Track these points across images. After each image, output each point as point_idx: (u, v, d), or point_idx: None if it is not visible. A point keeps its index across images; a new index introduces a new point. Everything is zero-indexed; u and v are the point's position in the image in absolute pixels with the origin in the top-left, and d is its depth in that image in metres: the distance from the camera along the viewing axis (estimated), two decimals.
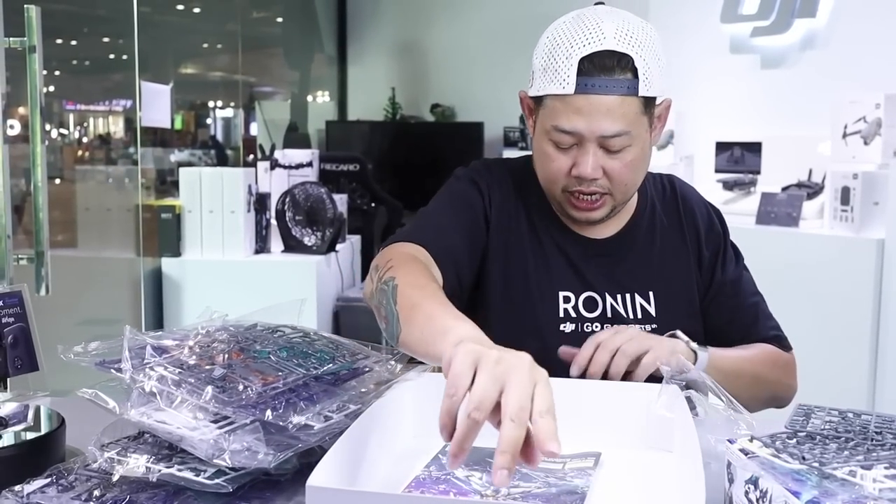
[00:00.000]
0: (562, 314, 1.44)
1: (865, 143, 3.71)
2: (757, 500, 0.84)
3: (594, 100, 1.31)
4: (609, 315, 1.45)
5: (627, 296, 1.46)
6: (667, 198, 1.57)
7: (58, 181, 4.37)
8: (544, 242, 1.47)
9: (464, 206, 1.46)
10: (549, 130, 1.35)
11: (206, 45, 6.81)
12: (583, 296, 1.45)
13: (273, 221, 4.13)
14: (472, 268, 1.43)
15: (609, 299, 1.45)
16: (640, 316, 1.45)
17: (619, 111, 1.31)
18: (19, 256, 2.19)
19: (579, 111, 1.31)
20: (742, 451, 0.89)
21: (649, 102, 1.35)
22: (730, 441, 0.93)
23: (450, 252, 1.37)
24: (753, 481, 0.85)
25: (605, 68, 1.30)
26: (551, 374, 0.91)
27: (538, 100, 1.39)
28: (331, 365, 1.06)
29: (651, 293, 1.47)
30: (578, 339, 1.39)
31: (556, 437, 0.81)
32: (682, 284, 1.51)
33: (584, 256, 1.47)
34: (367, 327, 1.29)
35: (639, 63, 1.31)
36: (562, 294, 1.45)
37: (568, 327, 1.44)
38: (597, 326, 1.43)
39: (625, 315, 1.44)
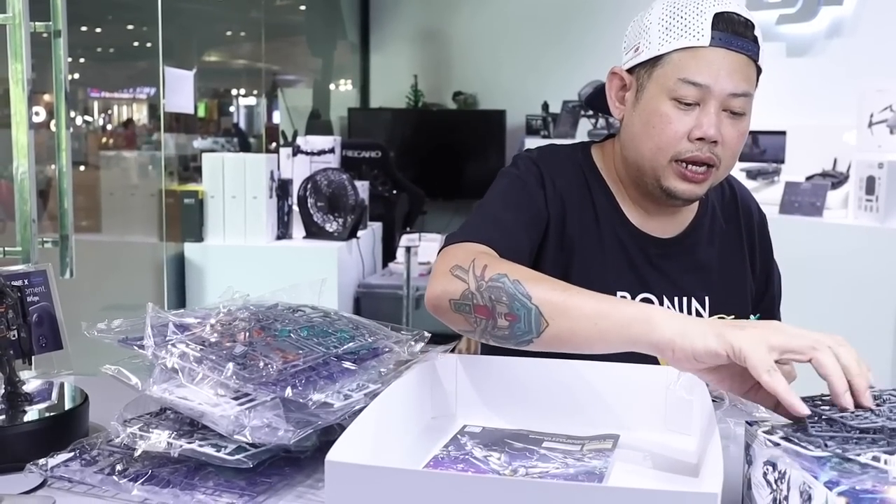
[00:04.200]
0: None
1: (892, 133, 3.68)
2: (775, 481, 0.84)
3: (727, 55, 1.30)
4: None
5: (684, 299, 1.44)
6: (726, 199, 1.56)
7: (82, 168, 4.41)
8: (605, 237, 1.43)
9: (525, 201, 1.41)
10: (673, 86, 1.32)
11: (229, 33, 6.84)
12: (639, 297, 1.42)
13: (295, 207, 4.15)
14: (531, 265, 1.37)
15: (666, 301, 1.43)
16: None
17: (746, 71, 1.31)
18: (44, 240, 2.21)
19: (711, 64, 1.30)
20: (763, 432, 0.89)
21: (759, 75, 1.36)
22: (748, 423, 0.93)
23: (515, 251, 1.32)
24: (772, 463, 0.85)
25: (736, 26, 1.31)
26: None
27: (653, 61, 1.34)
28: (351, 344, 1.07)
29: (707, 298, 1.46)
30: None
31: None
32: (737, 292, 1.50)
33: (644, 256, 1.44)
34: (388, 313, 1.27)
35: (757, 32, 1.33)
36: (619, 294, 1.41)
37: None
38: None
39: None
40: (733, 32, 1.30)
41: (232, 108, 7.08)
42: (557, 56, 6.30)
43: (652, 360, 1.14)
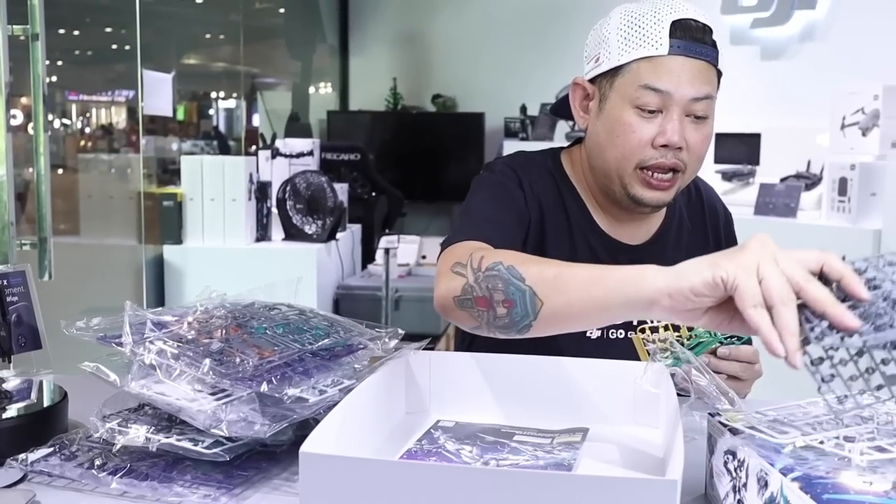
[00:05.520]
0: None
1: (863, 135, 3.73)
2: (735, 469, 0.87)
3: (686, 62, 1.33)
4: (635, 322, 1.44)
5: None
6: (692, 200, 1.58)
7: (60, 171, 4.40)
8: (577, 243, 1.45)
9: (509, 202, 1.42)
10: (635, 94, 1.34)
11: (208, 36, 6.83)
12: None
13: (274, 210, 4.16)
14: None
15: None
16: (665, 323, 1.44)
17: (706, 75, 1.34)
18: (23, 242, 2.22)
19: (671, 71, 1.32)
20: (722, 423, 0.92)
21: (719, 79, 1.38)
22: (710, 415, 0.96)
23: (512, 247, 1.31)
24: (732, 452, 0.88)
25: (694, 33, 1.33)
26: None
27: (614, 71, 1.37)
28: (326, 341, 1.09)
29: None
30: (602, 345, 1.41)
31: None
32: None
33: (615, 262, 1.44)
34: (367, 315, 1.28)
35: (719, 32, 1.36)
36: None
37: (594, 333, 1.43)
38: (621, 333, 1.44)
39: (650, 322, 1.42)
40: (691, 39, 1.33)
41: (211, 111, 7.07)
42: (536, 59, 6.34)
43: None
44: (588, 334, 1.43)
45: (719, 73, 1.38)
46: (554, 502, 0.76)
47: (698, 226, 1.57)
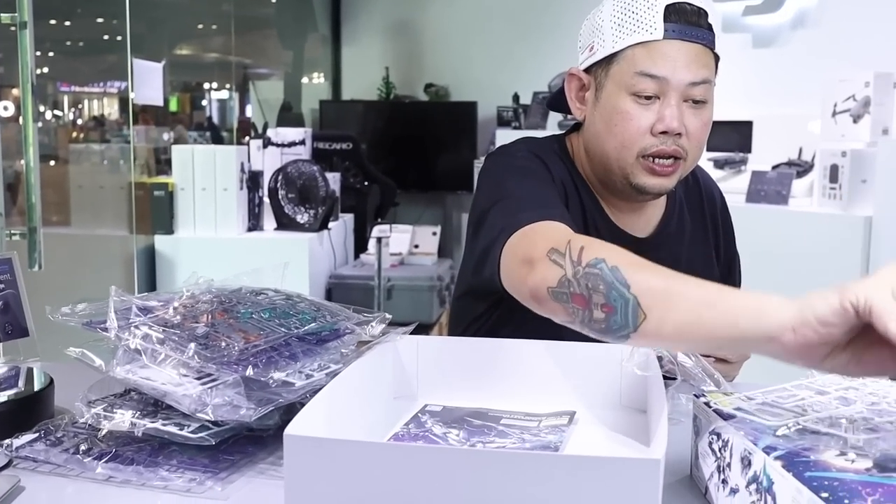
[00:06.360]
0: None
1: (854, 122, 3.73)
2: (719, 449, 0.87)
3: (681, 46, 1.30)
4: None
5: None
6: (689, 187, 1.57)
7: (52, 162, 4.39)
8: (590, 233, 1.40)
9: (552, 186, 1.37)
10: (631, 81, 1.31)
11: (200, 27, 6.81)
12: None
13: (266, 199, 4.15)
14: None
15: None
16: None
17: (703, 59, 1.32)
18: (12, 232, 2.21)
19: (666, 56, 1.30)
20: (707, 404, 0.93)
21: (716, 63, 1.36)
22: (696, 396, 0.96)
23: (574, 225, 1.26)
24: (717, 433, 0.88)
25: (689, 16, 1.31)
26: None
27: (609, 59, 1.34)
28: (312, 325, 1.09)
29: None
30: None
31: None
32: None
33: None
34: (360, 304, 1.24)
35: (712, 19, 1.34)
36: None
37: None
38: None
39: None
40: (686, 23, 1.31)
41: (204, 102, 7.06)
42: (528, 48, 6.33)
43: None
44: None
45: (717, 57, 1.36)
46: (537, 482, 0.76)
47: (697, 213, 1.56)
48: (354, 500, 0.80)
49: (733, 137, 4.60)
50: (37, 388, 1.13)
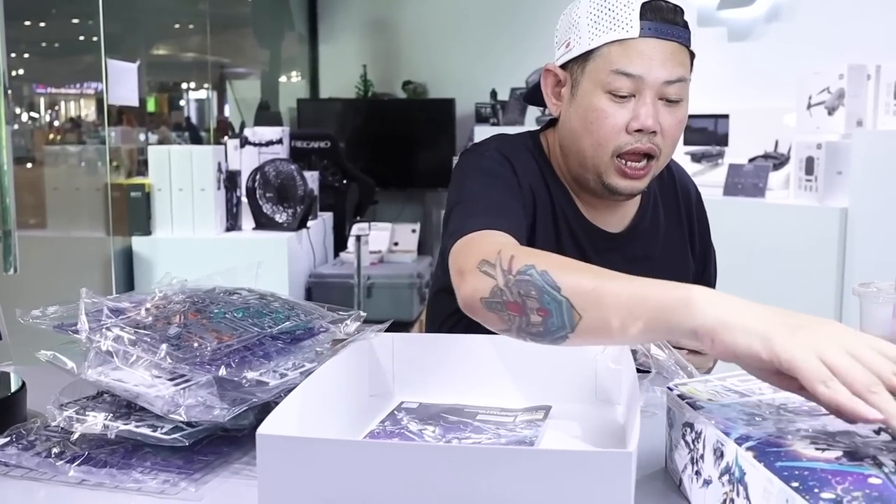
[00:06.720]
0: None
1: (829, 114, 3.75)
2: (693, 441, 0.88)
3: (657, 44, 1.30)
4: None
5: None
6: (664, 181, 1.58)
7: (29, 165, 4.35)
8: (561, 230, 1.43)
9: (511, 188, 1.38)
10: (607, 79, 1.31)
11: (177, 26, 6.77)
12: None
13: (244, 199, 4.14)
14: None
15: None
16: None
17: (679, 57, 1.32)
18: None
19: (642, 54, 1.30)
20: (680, 396, 0.93)
21: (692, 62, 1.36)
22: (669, 388, 0.97)
23: (524, 232, 1.30)
24: (690, 424, 0.89)
25: (665, 14, 1.31)
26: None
27: (585, 56, 1.34)
28: (286, 324, 1.08)
29: None
30: None
31: None
32: (681, 278, 1.53)
33: (595, 250, 1.44)
34: (340, 302, 1.23)
35: (687, 14, 1.34)
36: None
37: None
38: None
39: None
40: (662, 20, 1.31)
41: (182, 102, 7.02)
42: (505, 44, 6.34)
43: None
44: None
45: (692, 55, 1.36)
46: (511, 477, 0.76)
47: (672, 208, 1.57)
48: (329, 498, 0.80)
49: (710, 131, 4.62)
50: (9, 391, 1.12)
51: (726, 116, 4.60)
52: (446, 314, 1.47)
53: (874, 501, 0.65)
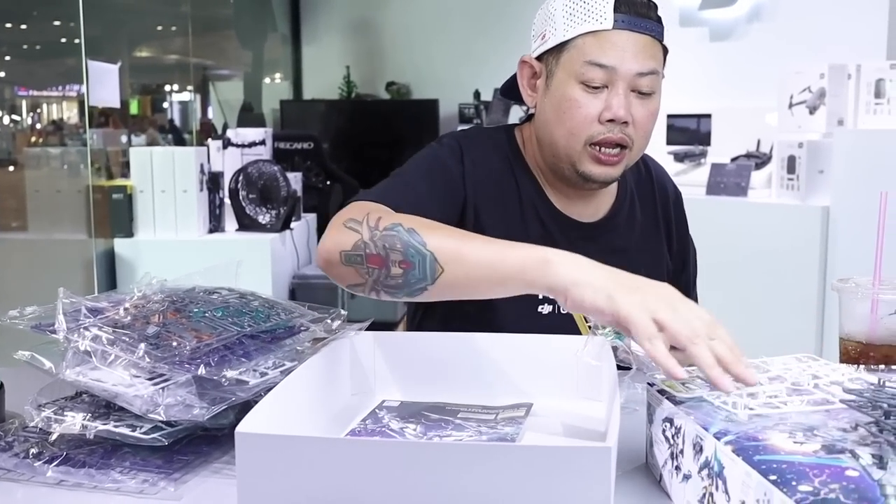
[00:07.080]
0: (540, 296, 1.38)
1: (811, 113, 3.77)
2: (672, 436, 0.88)
3: (631, 36, 1.33)
4: None
5: None
6: (641, 178, 1.59)
7: (11, 168, 4.33)
8: (528, 220, 1.45)
9: (441, 174, 1.41)
10: (581, 70, 1.34)
11: (159, 28, 6.75)
12: None
13: (227, 200, 4.12)
14: None
15: None
16: None
17: (651, 50, 1.35)
18: None
19: (615, 46, 1.32)
20: (660, 392, 0.93)
21: (665, 56, 1.39)
22: (649, 384, 0.97)
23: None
24: (670, 419, 0.89)
25: (638, 8, 1.34)
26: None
27: (560, 47, 1.37)
28: (267, 323, 1.08)
29: None
30: (555, 321, 1.41)
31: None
32: (655, 274, 1.53)
33: (566, 239, 1.44)
34: (324, 303, 1.23)
35: (669, 14, 1.37)
36: None
37: (545, 309, 1.42)
38: None
39: None
40: (636, 14, 1.33)
41: (165, 104, 7.00)
42: (488, 45, 6.34)
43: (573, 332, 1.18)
44: (539, 309, 1.43)
45: (665, 50, 1.38)
46: (491, 473, 0.76)
47: (649, 205, 1.57)
48: (309, 496, 0.80)
49: (692, 130, 4.64)
50: None
51: (709, 116, 4.62)
52: (414, 305, 1.52)
53: (851, 494, 0.66)
